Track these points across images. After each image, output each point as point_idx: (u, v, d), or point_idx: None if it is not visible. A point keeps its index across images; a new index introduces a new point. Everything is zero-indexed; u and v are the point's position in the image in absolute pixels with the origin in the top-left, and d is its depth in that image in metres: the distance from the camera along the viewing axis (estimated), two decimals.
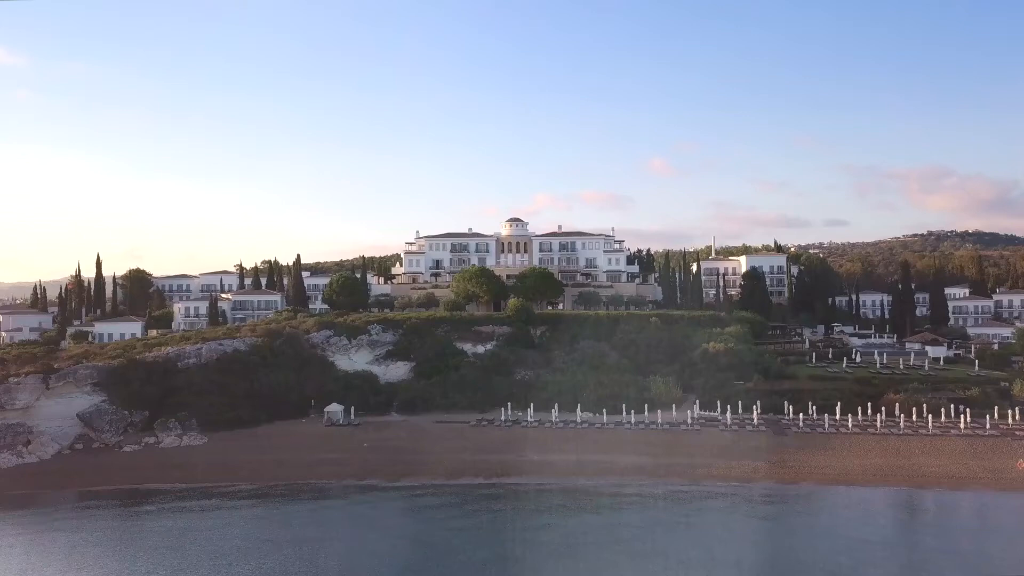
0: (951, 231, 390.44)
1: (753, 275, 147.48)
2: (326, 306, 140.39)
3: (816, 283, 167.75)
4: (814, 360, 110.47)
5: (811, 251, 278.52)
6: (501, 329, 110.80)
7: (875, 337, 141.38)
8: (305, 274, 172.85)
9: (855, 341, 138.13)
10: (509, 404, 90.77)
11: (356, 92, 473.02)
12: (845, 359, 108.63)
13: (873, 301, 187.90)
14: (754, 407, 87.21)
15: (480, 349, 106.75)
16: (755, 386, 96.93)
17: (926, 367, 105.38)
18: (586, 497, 63.53)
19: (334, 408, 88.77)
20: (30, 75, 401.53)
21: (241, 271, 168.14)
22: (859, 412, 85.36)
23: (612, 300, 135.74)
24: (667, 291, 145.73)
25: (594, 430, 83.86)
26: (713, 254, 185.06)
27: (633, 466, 70.27)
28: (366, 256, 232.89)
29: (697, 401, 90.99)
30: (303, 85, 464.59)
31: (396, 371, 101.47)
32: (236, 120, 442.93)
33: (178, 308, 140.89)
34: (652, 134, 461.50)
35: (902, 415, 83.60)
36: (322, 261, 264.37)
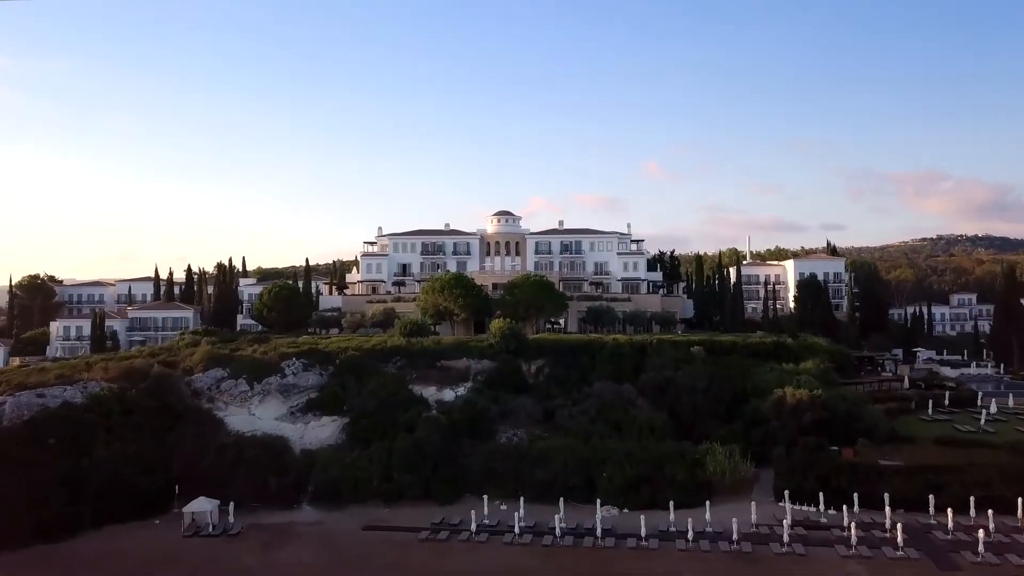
0: (960, 235, 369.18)
1: (811, 285, 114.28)
2: (261, 325, 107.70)
3: (880, 294, 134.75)
4: (930, 410, 76.93)
5: (818, 255, 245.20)
6: (480, 364, 77.31)
7: (974, 367, 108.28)
8: (249, 282, 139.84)
9: (947, 372, 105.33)
10: (486, 496, 57.25)
11: (350, 94, 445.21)
12: (984, 412, 74.78)
13: (941, 315, 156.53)
14: (885, 505, 53.63)
15: (448, 395, 73.14)
16: (860, 456, 63.65)
17: None
18: None
19: (202, 506, 54.93)
20: (11, 75, 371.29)
21: (156, 278, 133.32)
22: None
23: (632, 318, 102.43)
24: (700, 305, 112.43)
25: (626, 552, 50.07)
26: (748, 257, 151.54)
27: None
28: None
29: (787, 493, 57.41)
30: (299, 85, 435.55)
31: (318, 432, 67.70)
32: (231, 120, 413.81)
33: (55, 328, 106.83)
34: (646, 136, 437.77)
35: None
36: (297, 265, 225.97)
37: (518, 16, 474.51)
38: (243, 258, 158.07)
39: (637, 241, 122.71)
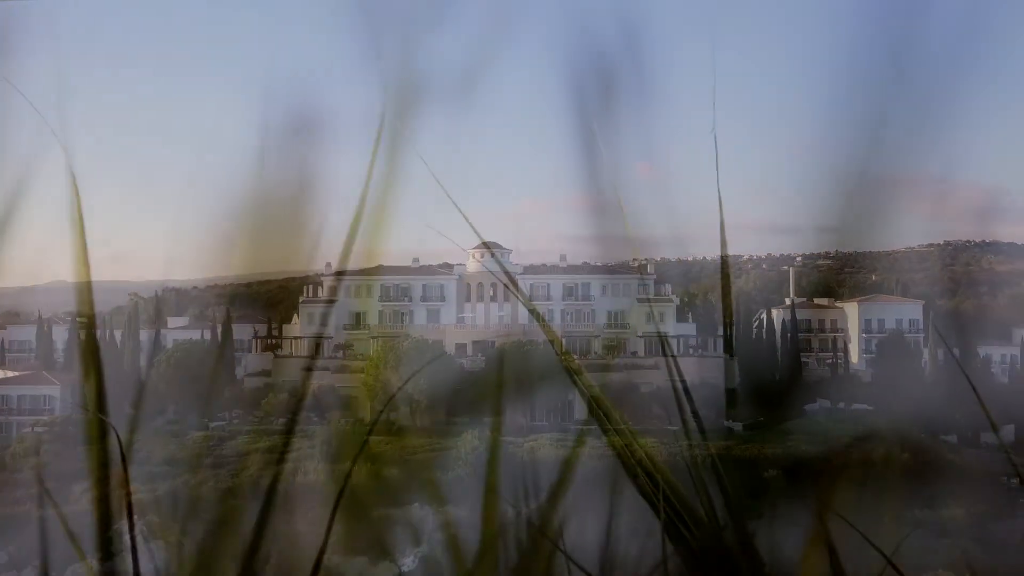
0: (968, 241, 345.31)
1: (896, 343, 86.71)
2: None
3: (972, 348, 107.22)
4: None
5: (819, 261, 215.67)
6: (441, 512, 49.24)
7: None
8: (180, 323, 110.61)
9: None
10: None
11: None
12: None
13: (1001, 356, 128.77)
14: None
15: (386, 574, 45.13)
16: None
17: None
18: None
19: None
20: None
21: (40, 325, 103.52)
22: None
23: (660, 397, 74.79)
24: (749, 370, 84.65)
25: None
26: (792, 294, 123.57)
27: None
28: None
29: None
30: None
31: None
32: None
33: None
34: (637, 136, 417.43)
35: None
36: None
37: (504, 19, 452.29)
38: (174, 291, 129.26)
39: (662, 283, 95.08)
